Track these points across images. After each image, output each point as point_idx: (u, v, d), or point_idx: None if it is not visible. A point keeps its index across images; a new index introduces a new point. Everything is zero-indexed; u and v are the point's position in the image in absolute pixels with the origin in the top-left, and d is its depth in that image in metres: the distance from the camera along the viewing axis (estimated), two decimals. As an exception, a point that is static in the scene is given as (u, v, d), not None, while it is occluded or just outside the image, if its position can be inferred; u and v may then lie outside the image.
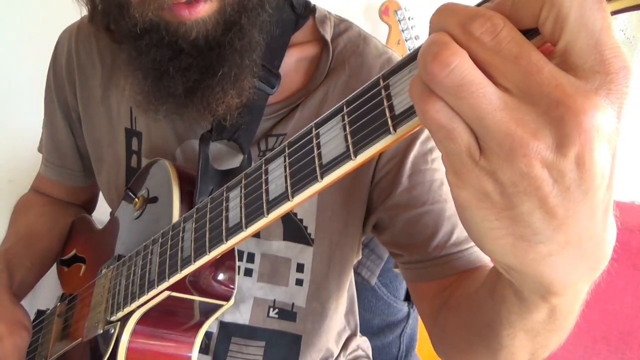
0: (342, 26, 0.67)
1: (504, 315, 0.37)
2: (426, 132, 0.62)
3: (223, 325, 0.66)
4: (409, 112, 0.27)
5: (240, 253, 0.65)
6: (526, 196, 0.23)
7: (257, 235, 0.64)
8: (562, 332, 0.36)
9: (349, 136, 0.30)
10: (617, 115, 0.22)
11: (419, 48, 0.27)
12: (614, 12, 0.20)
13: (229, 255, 0.55)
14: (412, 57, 0.28)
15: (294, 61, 0.64)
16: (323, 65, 0.63)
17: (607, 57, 0.22)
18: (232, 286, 0.55)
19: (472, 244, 0.59)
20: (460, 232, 0.59)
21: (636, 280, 1.37)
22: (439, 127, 0.24)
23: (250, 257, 0.65)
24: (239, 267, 0.64)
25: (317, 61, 0.64)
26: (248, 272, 0.65)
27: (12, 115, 1.46)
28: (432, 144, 0.62)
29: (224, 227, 0.40)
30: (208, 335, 0.66)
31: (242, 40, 0.53)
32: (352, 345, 0.80)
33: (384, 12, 1.34)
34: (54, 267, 0.79)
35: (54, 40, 0.76)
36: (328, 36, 0.64)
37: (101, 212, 0.81)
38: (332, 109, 0.33)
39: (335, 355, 0.76)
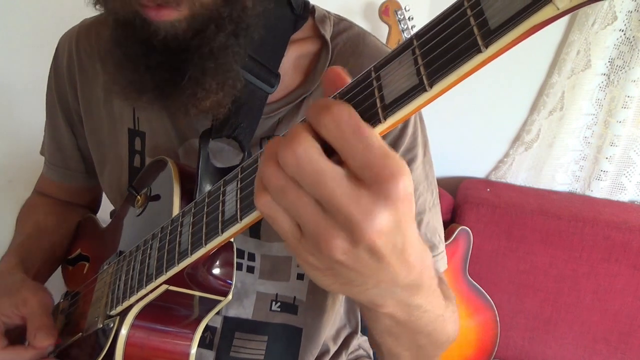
0: (342, 25, 0.67)
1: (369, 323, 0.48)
2: (408, 141, 0.64)
3: (226, 320, 0.67)
4: (399, 102, 0.28)
5: (242, 252, 0.65)
6: (337, 265, 0.32)
7: (257, 237, 0.65)
8: (420, 335, 0.46)
9: None
10: (395, 213, 0.29)
11: (411, 38, 0.28)
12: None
13: (228, 250, 0.56)
14: (404, 48, 0.28)
15: (293, 59, 0.64)
16: (322, 64, 0.64)
17: (378, 170, 0.28)
18: (229, 281, 0.55)
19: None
20: None
21: (636, 280, 1.37)
22: (266, 215, 0.33)
23: (251, 256, 0.66)
24: (240, 264, 0.65)
25: (317, 59, 0.65)
26: (250, 269, 0.66)
27: (12, 116, 1.47)
28: (412, 154, 0.65)
29: (219, 220, 0.40)
30: (212, 330, 0.66)
31: (210, 46, 0.54)
32: (354, 344, 0.81)
33: (384, 12, 1.35)
34: (59, 269, 0.80)
35: (55, 41, 0.77)
36: (327, 35, 0.65)
37: (107, 212, 0.82)
38: None
39: (331, 353, 0.76)
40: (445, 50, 0.25)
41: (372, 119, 0.29)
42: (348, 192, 0.28)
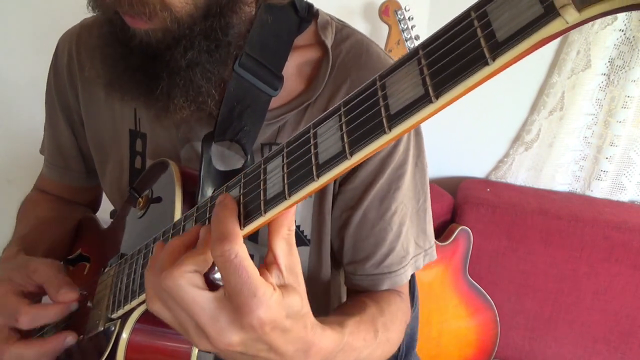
0: (345, 32, 0.66)
1: None
2: (399, 158, 0.64)
3: None
4: (404, 113, 0.27)
5: None
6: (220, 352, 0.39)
7: (255, 240, 0.65)
8: None
9: (345, 136, 0.31)
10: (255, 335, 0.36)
11: (416, 48, 0.28)
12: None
13: None
14: (409, 57, 0.28)
15: (295, 65, 0.64)
16: (323, 71, 0.63)
17: (242, 302, 0.35)
18: None
19: (400, 267, 0.68)
20: (393, 258, 0.67)
21: (636, 280, 1.37)
22: (156, 315, 0.40)
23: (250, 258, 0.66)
24: None
25: (318, 66, 0.64)
26: None
27: (11, 116, 1.47)
28: (402, 170, 0.65)
29: None
30: None
31: (179, 63, 0.54)
32: None
33: (383, 12, 1.35)
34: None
35: (55, 40, 0.76)
36: (329, 42, 0.64)
37: (107, 212, 0.82)
38: (330, 109, 0.33)
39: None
40: (451, 61, 0.25)
41: (377, 129, 0.28)
42: (210, 312, 0.36)
